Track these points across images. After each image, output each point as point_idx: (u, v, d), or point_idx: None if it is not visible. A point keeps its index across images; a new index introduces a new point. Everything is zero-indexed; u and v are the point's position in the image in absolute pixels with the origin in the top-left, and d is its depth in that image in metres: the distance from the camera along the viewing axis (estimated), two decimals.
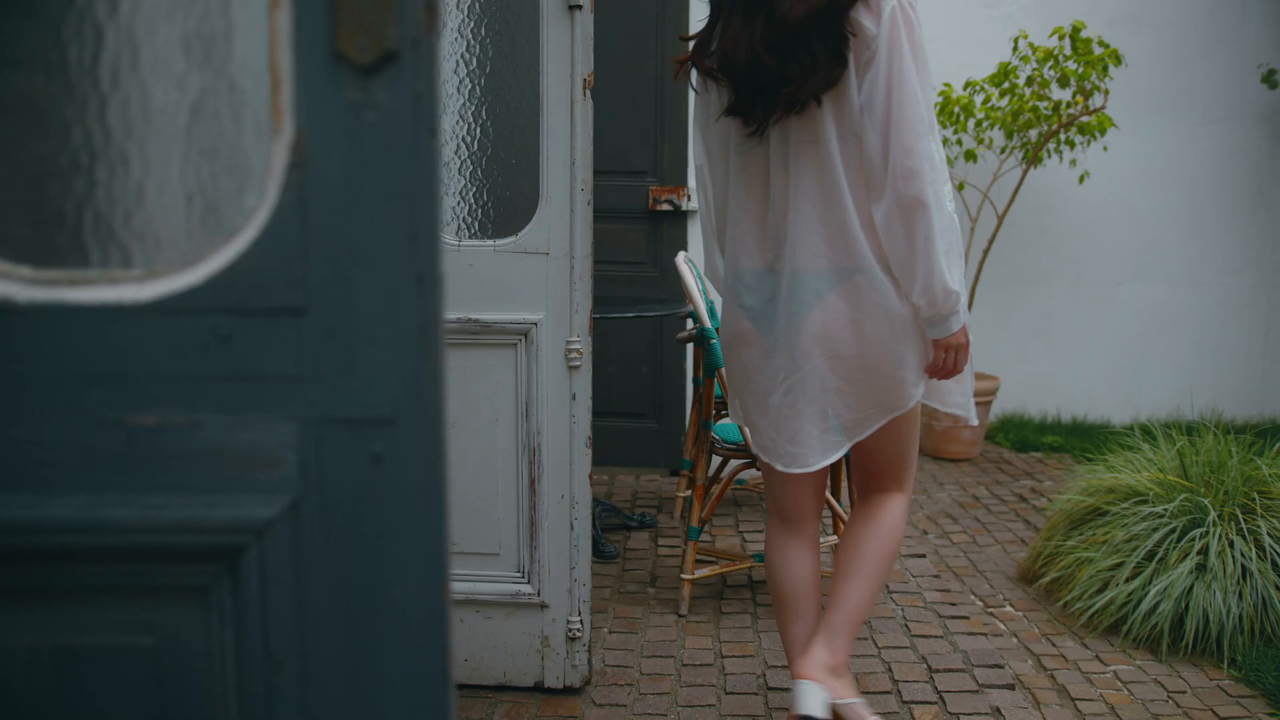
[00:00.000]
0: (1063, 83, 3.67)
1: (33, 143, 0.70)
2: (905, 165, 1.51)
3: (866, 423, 1.64)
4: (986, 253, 3.97)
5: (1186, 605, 2.26)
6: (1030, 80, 3.72)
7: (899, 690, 2.06)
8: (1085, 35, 3.65)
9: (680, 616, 2.40)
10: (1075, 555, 2.51)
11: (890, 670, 2.15)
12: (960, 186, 3.98)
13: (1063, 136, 3.81)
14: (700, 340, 2.30)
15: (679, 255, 2.56)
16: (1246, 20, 4.23)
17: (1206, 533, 2.33)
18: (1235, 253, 4.37)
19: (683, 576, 2.41)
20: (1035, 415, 4.40)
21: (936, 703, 2.01)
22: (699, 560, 2.62)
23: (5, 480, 0.68)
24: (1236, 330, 4.40)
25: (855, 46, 1.52)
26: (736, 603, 2.51)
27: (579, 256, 1.86)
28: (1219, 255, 4.37)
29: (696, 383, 3.00)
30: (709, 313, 2.86)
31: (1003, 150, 3.92)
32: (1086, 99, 3.68)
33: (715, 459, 3.09)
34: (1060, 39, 3.68)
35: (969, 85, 3.83)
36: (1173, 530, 2.37)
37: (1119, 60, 3.65)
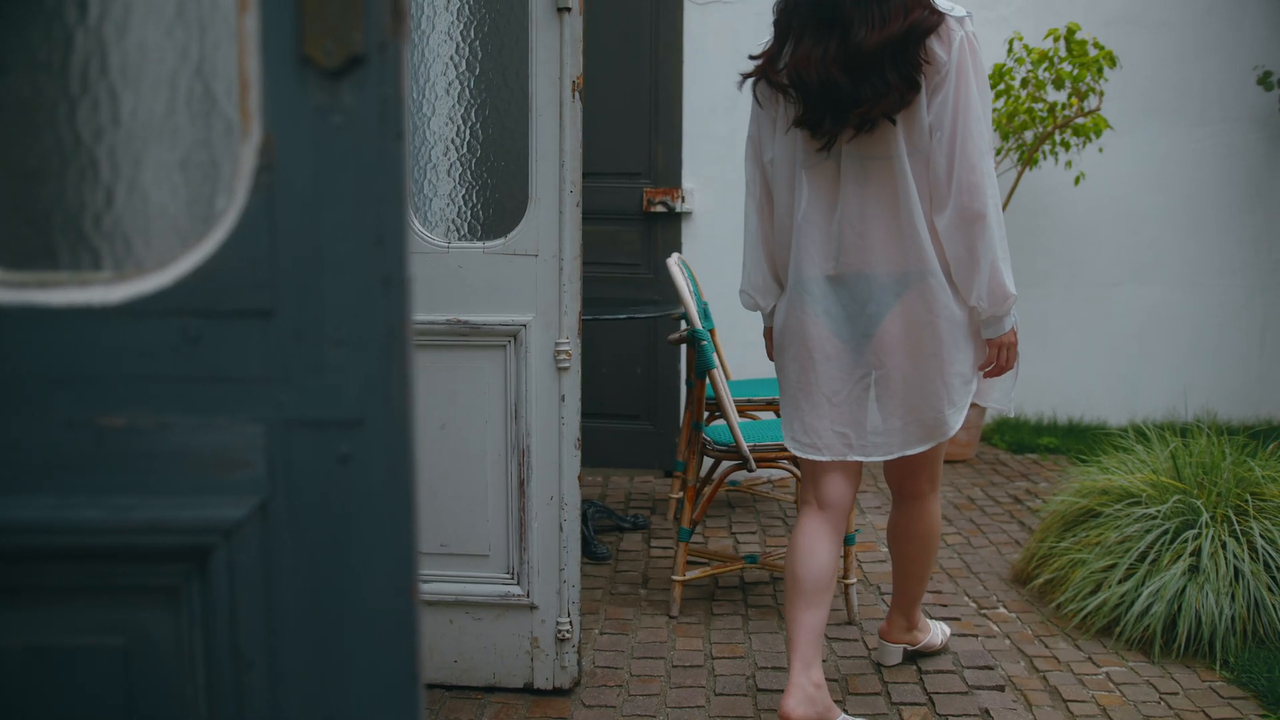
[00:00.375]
0: (1058, 85, 3.67)
1: (2, 146, 0.71)
2: (970, 180, 1.66)
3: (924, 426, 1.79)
4: None
5: (1179, 607, 2.26)
6: (1025, 82, 3.72)
7: (888, 691, 2.06)
8: (1080, 37, 3.65)
9: (671, 618, 2.41)
10: (1069, 557, 2.51)
11: (880, 671, 2.15)
12: None
13: (1058, 138, 3.81)
14: (692, 342, 2.30)
15: (671, 257, 2.56)
16: (1243, 22, 4.23)
17: (1199, 534, 2.33)
18: (1232, 254, 4.36)
19: (674, 578, 2.41)
20: (1031, 417, 4.40)
21: (925, 704, 2.01)
22: (691, 562, 2.62)
23: None
24: (1233, 331, 4.40)
25: (928, 72, 1.66)
26: (728, 604, 2.51)
27: (568, 258, 1.86)
28: (1215, 257, 4.36)
29: (689, 384, 3.00)
30: (703, 314, 2.86)
31: (998, 152, 3.92)
32: (1081, 101, 3.69)
33: (707, 461, 3.10)
34: (1055, 41, 3.68)
35: None
36: (1165, 532, 2.37)
37: (1114, 62, 3.65)
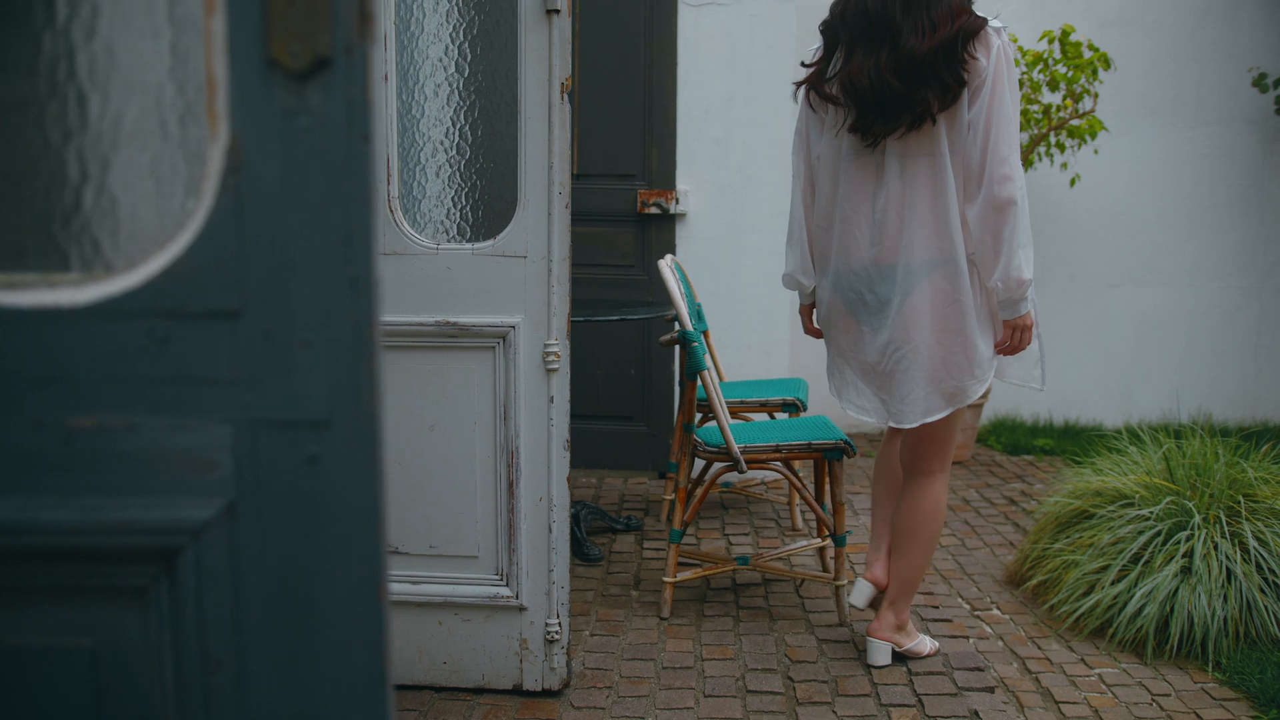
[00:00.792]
0: (1052, 86, 3.67)
1: None
2: (1001, 172, 1.85)
3: (940, 403, 1.99)
4: None
5: (1171, 608, 2.26)
6: (1020, 84, 3.72)
7: (878, 693, 2.06)
8: (1075, 39, 3.65)
9: (662, 619, 2.41)
10: (1062, 558, 2.51)
11: (869, 673, 2.15)
12: None
13: (1053, 139, 3.81)
14: (683, 343, 2.30)
15: (665, 259, 2.57)
16: (1238, 24, 4.23)
17: (1191, 536, 2.33)
18: (1227, 256, 4.36)
19: (665, 579, 2.41)
20: (1027, 418, 4.40)
21: (915, 705, 2.01)
22: (683, 563, 2.62)
23: None
24: (1229, 333, 4.39)
25: (970, 74, 1.86)
26: (719, 605, 2.51)
27: (556, 260, 1.86)
28: (1211, 259, 4.36)
29: (682, 386, 3.00)
30: (696, 315, 2.87)
31: None
32: (1076, 102, 3.69)
33: (699, 463, 3.10)
34: (1050, 43, 3.68)
35: None
36: (1158, 533, 2.37)
37: (1108, 64, 3.65)
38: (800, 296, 2.21)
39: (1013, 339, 1.96)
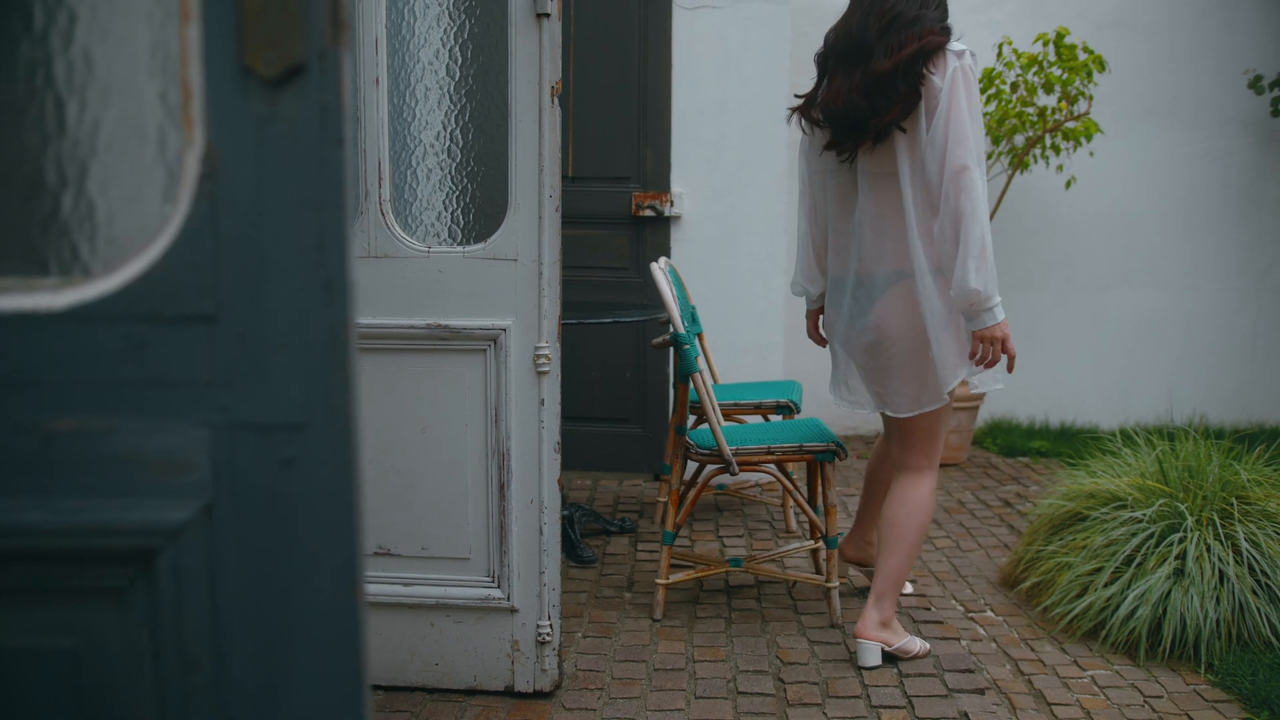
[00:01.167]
0: (1047, 89, 3.68)
1: None
2: (955, 184, 1.95)
3: (916, 400, 2.13)
4: None
5: (1164, 610, 2.26)
6: (1015, 86, 3.73)
7: (868, 695, 2.07)
8: (1069, 41, 3.66)
9: (655, 621, 2.41)
10: (1055, 560, 2.51)
11: (860, 675, 2.15)
12: None
13: (1048, 141, 3.81)
14: (675, 346, 2.31)
15: (659, 261, 2.57)
16: (1234, 26, 4.24)
17: (1184, 538, 2.33)
18: (1223, 258, 4.37)
19: (657, 581, 2.41)
20: (1024, 420, 4.40)
21: (905, 707, 2.02)
22: (676, 565, 2.62)
23: None
24: (1225, 335, 4.40)
25: (926, 93, 1.98)
26: (711, 607, 2.51)
27: (547, 263, 1.87)
28: (1207, 260, 4.37)
29: (677, 388, 3.01)
30: (691, 318, 2.87)
31: (989, 156, 3.93)
32: (1071, 105, 3.69)
33: (692, 465, 3.10)
34: (1045, 45, 3.69)
35: None
36: (1151, 535, 2.37)
37: (1103, 66, 3.66)
38: (807, 302, 2.41)
39: (984, 351, 2.01)
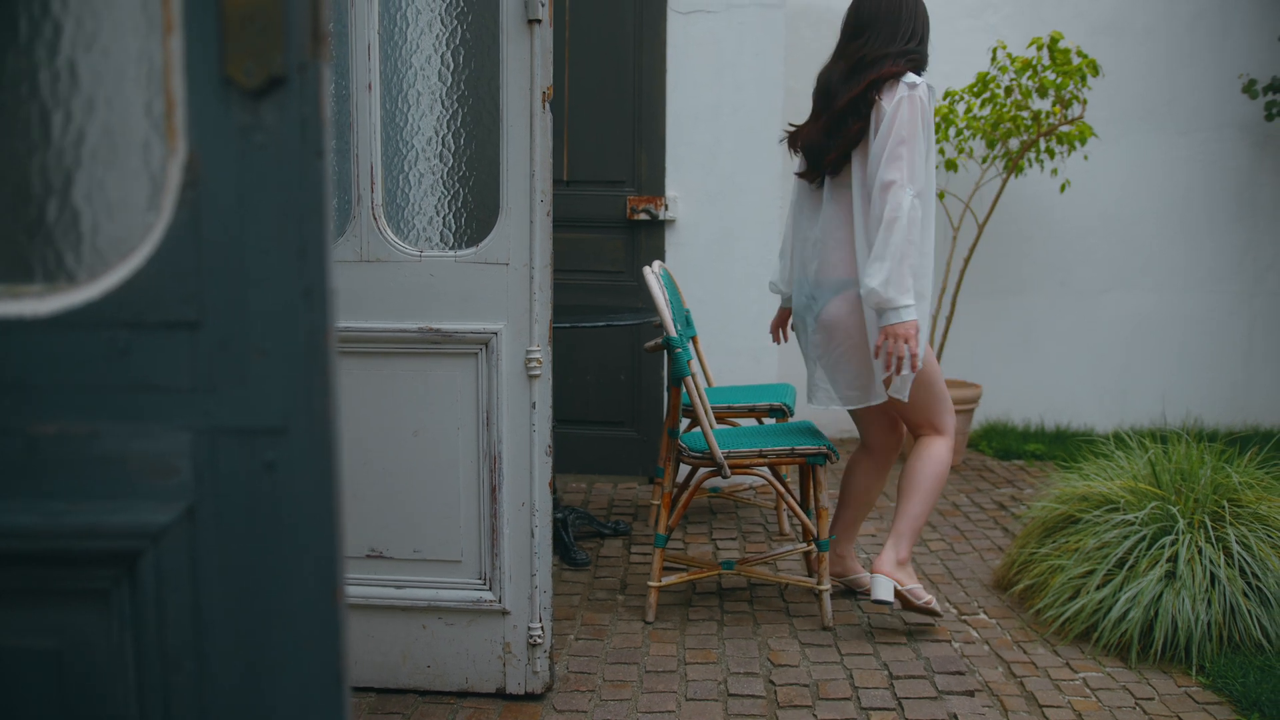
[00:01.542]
0: (1041, 93, 3.69)
1: None
2: (881, 197, 2.15)
3: (867, 395, 2.33)
4: (968, 261, 3.99)
5: (1156, 612, 2.27)
6: (1009, 90, 3.75)
7: (858, 697, 2.08)
8: (1063, 46, 3.68)
9: (647, 623, 2.42)
10: (1048, 563, 2.52)
11: (851, 677, 2.16)
12: (941, 196, 4.00)
13: (1043, 145, 3.83)
14: (667, 349, 2.32)
15: (653, 265, 2.59)
16: (1228, 30, 4.26)
17: (1176, 540, 2.34)
18: (1218, 261, 4.38)
19: (650, 584, 2.43)
20: (1019, 423, 4.41)
21: (895, 709, 2.03)
22: (668, 568, 2.63)
23: None
24: (1219, 338, 4.41)
25: (875, 117, 2.19)
26: (703, 610, 2.52)
27: (539, 267, 1.88)
28: (1202, 264, 4.38)
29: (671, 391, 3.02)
30: (685, 321, 2.88)
31: (984, 160, 3.94)
32: (1065, 109, 3.71)
33: (685, 469, 3.11)
34: (1039, 49, 3.70)
35: (949, 95, 3.86)
36: (1143, 538, 2.38)
37: (1097, 70, 3.67)
38: (782, 301, 2.66)
39: (885, 345, 2.18)
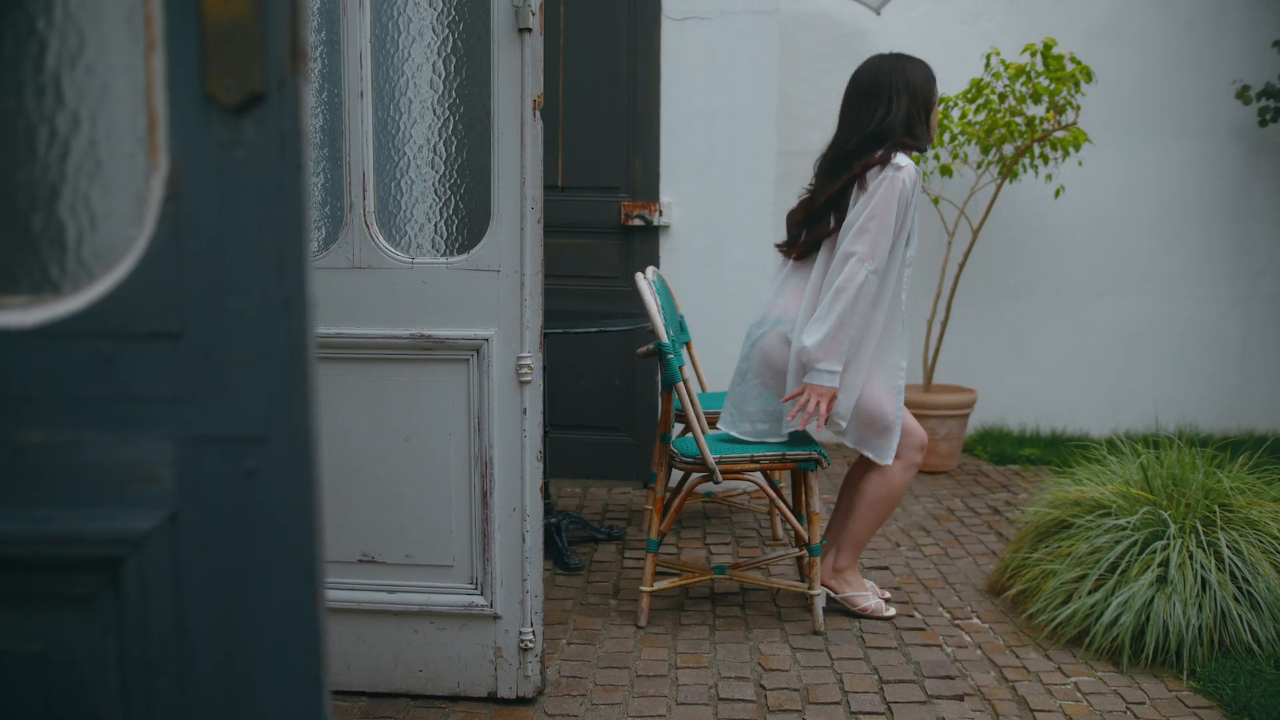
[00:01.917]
0: (1035, 99, 3.71)
1: None
2: (840, 265, 2.27)
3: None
4: (963, 266, 4.00)
5: (1147, 617, 2.28)
6: (1003, 96, 3.77)
7: (848, 701, 2.09)
8: (1057, 52, 3.69)
9: (639, 628, 2.43)
10: (1041, 567, 2.53)
11: (841, 681, 2.17)
12: (935, 201, 4.02)
13: (1037, 151, 3.84)
14: (659, 355, 2.34)
15: (646, 271, 2.60)
16: (1222, 36, 4.27)
17: (1167, 545, 2.35)
18: (1212, 266, 4.39)
19: (642, 589, 2.44)
20: (1014, 428, 4.42)
21: (884, 713, 2.04)
22: (661, 572, 2.65)
23: None
24: (1214, 343, 4.42)
25: (857, 194, 2.31)
26: (695, 614, 2.53)
27: (529, 274, 1.90)
28: (1196, 269, 4.39)
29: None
30: (679, 327, 2.90)
31: (979, 165, 3.96)
32: (1059, 114, 3.73)
33: (677, 474, 3.12)
34: (1032, 56, 3.72)
35: (942, 101, 3.87)
36: (1135, 543, 2.39)
37: (1090, 77, 3.69)
38: None
39: (804, 398, 2.29)
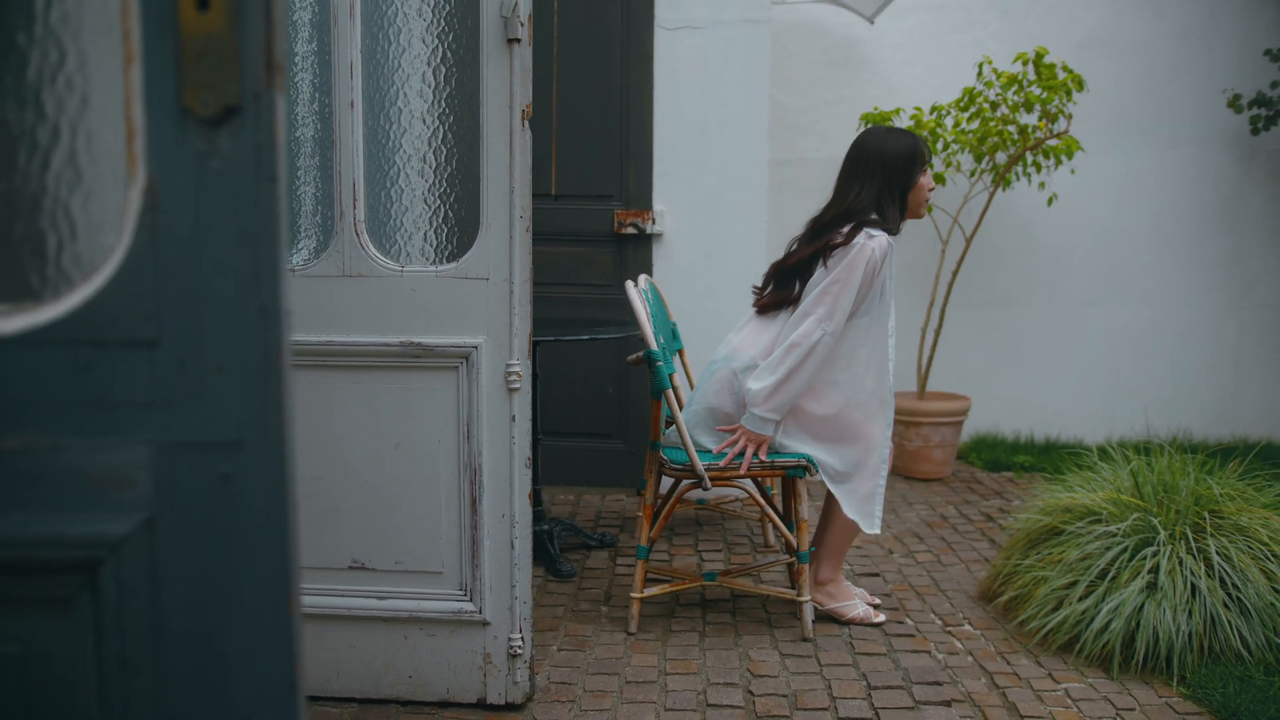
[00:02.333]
0: (1027, 107, 3.73)
1: None
2: (799, 323, 2.34)
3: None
4: (955, 274, 4.02)
5: (1137, 623, 2.29)
6: (996, 105, 3.79)
7: (836, 707, 2.09)
8: (1049, 61, 3.72)
9: (629, 634, 2.44)
10: (1032, 574, 2.54)
11: (830, 687, 2.18)
12: (929, 209, 4.03)
13: (1029, 159, 3.86)
14: (648, 363, 2.35)
15: (639, 278, 2.62)
16: (1213, 45, 4.30)
17: (1157, 552, 2.36)
18: (1204, 274, 4.41)
19: (632, 595, 2.45)
20: (1008, 435, 4.43)
21: (872, 719, 2.04)
22: (652, 579, 2.65)
23: None
24: (1206, 351, 4.43)
25: (826, 256, 2.37)
26: (686, 621, 2.54)
27: (518, 282, 1.91)
28: (1189, 277, 4.41)
29: None
30: (672, 335, 2.91)
31: (972, 174, 3.98)
32: (1051, 123, 3.75)
33: (668, 481, 3.13)
34: (1024, 65, 3.75)
35: (935, 109, 3.90)
36: (1125, 549, 2.40)
37: (1081, 85, 3.71)
38: None
39: (739, 439, 2.36)
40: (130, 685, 0.77)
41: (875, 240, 2.33)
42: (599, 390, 3.57)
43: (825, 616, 2.55)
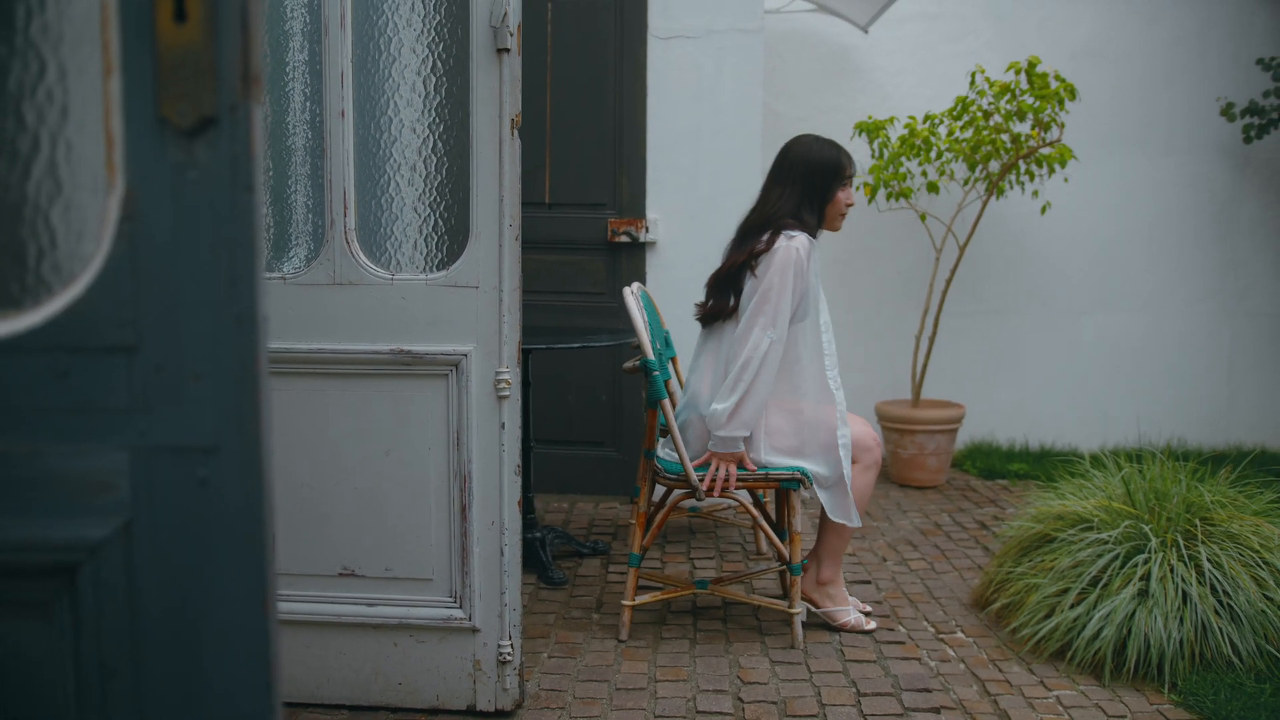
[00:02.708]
0: (1020, 116, 3.75)
1: None
2: (745, 338, 2.35)
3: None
4: (949, 283, 4.04)
5: (1129, 631, 2.29)
6: (989, 113, 3.81)
7: (825, 714, 2.10)
8: (1041, 70, 3.74)
9: (620, 642, 2.44)
10: (1024, 581, 2.54)
11: (819, 694, 2.18)
12: (923, 217, 4.06)
13: (1023, 168, 3.88)
14: (644, 372, 2.36)
15: (632, 286, 2.63)
16: (1206, 54, 4.32)
17: (1149, 559, 2.37)
18: (1198, 282, 4.42)
19: (623, 603, 2.45)
20: (1003, 443, 4.43)
21: None
22: (643, 587, 2.66)
23: None
24: (1201, 358, 4.44)
25: (753, 264, 2.39)
26: (677, 628, 2.55)
27: (507, 290, 1.93)
28: (1182, 284, 4.42)
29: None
30: (665, 342, 2.92)
31: (965, 182, 4.00)
32: (1044, 132, 3.77)
33: (660, 489, 3.13)
34: (1017, 74, 3.77)
35: (928, 119, 3.92)
36: (1116, 556, 2.40)
37: (1074, 94, 3.73)
38: None
39: (711, 465, 2.37)
40: (108, 687, 0.78)
41: (795, 240, 2.36)
42: (593, 398, 3.58)
43: (817, 623, 2.56)
